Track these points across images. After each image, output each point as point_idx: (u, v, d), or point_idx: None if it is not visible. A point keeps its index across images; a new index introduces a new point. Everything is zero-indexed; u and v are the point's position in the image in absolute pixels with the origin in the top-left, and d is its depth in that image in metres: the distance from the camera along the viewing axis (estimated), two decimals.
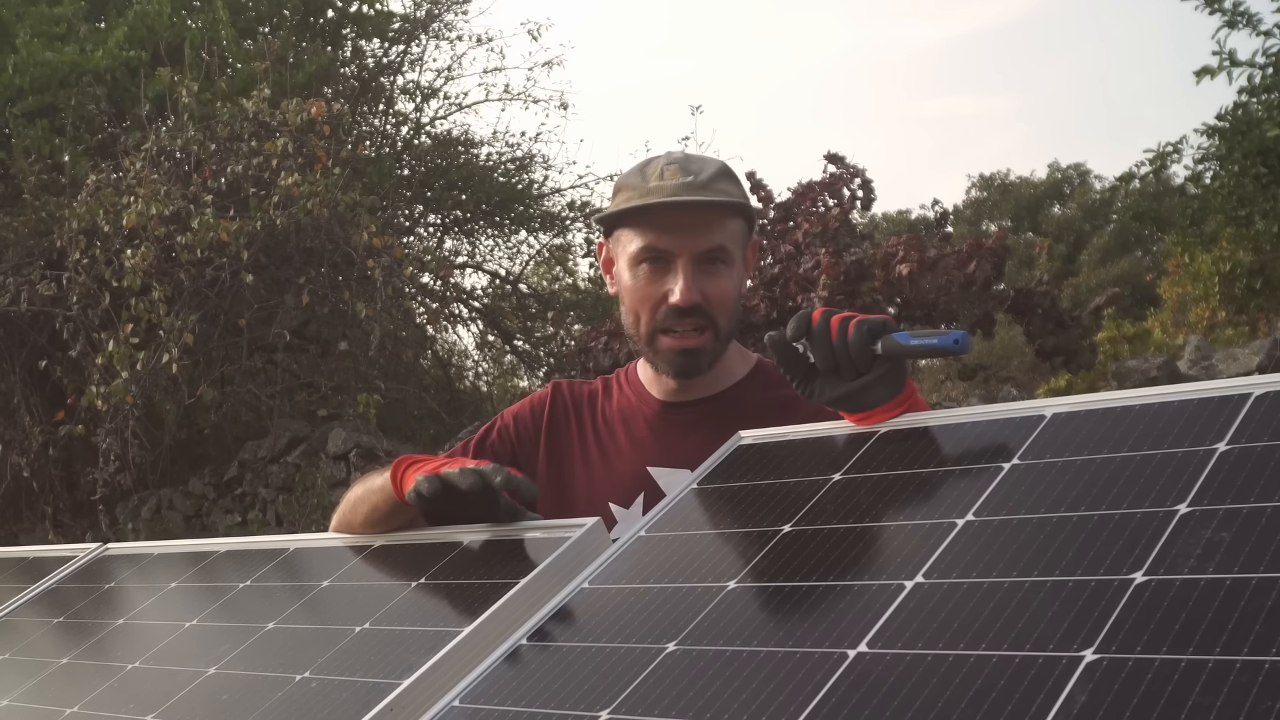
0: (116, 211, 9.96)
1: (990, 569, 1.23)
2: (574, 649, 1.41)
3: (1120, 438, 1.36)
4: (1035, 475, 1.37)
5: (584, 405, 2.28)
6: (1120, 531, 1.20)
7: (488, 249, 16.27)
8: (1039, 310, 10.23)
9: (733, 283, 2.13)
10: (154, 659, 1.89)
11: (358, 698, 1.49)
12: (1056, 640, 1.08)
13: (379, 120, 15.39)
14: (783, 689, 1.17)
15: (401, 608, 1.71)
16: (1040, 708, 1.01)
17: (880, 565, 1.33)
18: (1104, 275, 25.50)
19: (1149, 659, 1.01)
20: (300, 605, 1.87)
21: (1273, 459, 1.21)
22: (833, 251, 9.53)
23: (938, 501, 1.40)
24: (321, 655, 1.66)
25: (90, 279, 10.14)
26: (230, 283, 10.11)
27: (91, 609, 2.21)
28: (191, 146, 10.48)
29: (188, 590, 2.13)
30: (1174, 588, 1.09)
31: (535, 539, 1.73)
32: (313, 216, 9.94)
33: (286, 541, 2.13)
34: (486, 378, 16.92)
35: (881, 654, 1.17)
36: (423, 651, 1.53)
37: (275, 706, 1.57)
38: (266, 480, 10.85)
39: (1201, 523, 1.16)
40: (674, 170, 2.10)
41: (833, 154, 10.90)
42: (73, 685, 1.92)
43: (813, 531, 1.45)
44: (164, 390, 10.47)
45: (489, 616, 1.53)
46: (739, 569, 1.43)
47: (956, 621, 1.17)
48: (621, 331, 10.54)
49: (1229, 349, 9.70)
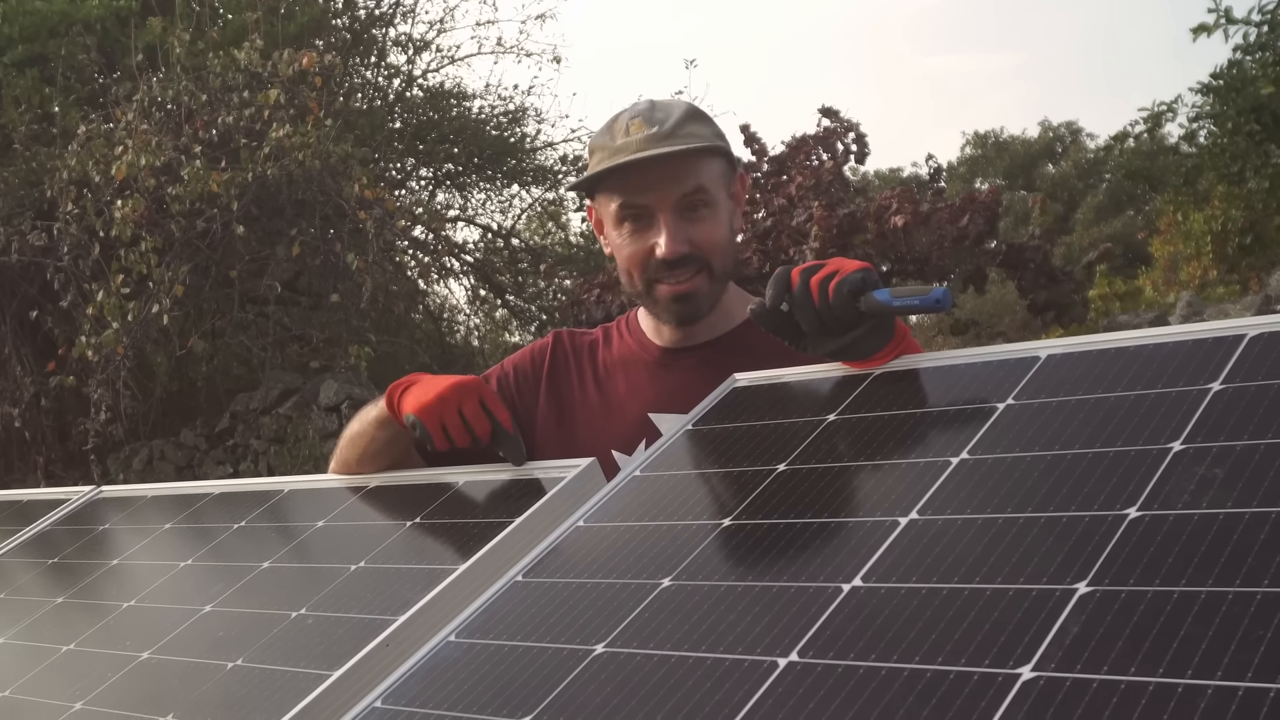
0: (107, 162, 9.91)
1: (984, 506, 1.23)
2: (569, 584, 1.41)
3: (1114, 378, 1.37)
4: (1030, 415, 1.37)
5: (584, 354, 2.28)
6: (1114, 469, 1.21)
7: (479, 202, 16.23)
8: (1031, 265, 10.24)
9: (719, 223, 2.12)
10: (148, 598, 1.89)
11: (354, 633, 1.50)
12: (1050, 574, 1.09)
13: (371, 73, 15.29)
14: (778, 621, 1.18)
15: (397, 547, 1.72)
16: (1034, 638, 1.02)
17: (875, 502, 1.33)
18: (1097, 234, 25.50)
19: (1142, 590, 1.02)
20: (294, 545, 1.88)
21: (1266, 398, 1.22)
22: (825, 205, 9.52)
23: (932, 441, 1.40)
24: (317, 593, 1.66)
25: (81, 230, 10.11)
26: (221, 234, 10.07)
27: (85, 551, 2.21)
28: (183, 97, 10.42)
29: (181, 532, 2.13)
30: (1167, 523, 1.09)
31: (532, 479, 1.74)
32: (304, 168, 9.89)
33: (280, 483, 2.14)
34: (478, 332, 16.90)
35: (876, 588, 1.17)
36: (418, 589, 1.53)
37: (271, 642, 1.58)
38: (258, 431, 10.85)
39: (1195, 460, 1.17)
40: (638, 124, 2.08)
41: (827, 108, 10.86)
42: (67, 625, 1.93)
43: (807, 470, 1.45)
44: (155, 342, 10.46)
45: (485, 554, 1.53)
46: (734, 507, 1.44)
47: (951, 556, 1.17)
48: (613, 284, 10.54)
49: (1220, 305, 9.71)
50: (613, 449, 2.14)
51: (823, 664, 1.10)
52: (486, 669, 1.31)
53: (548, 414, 2.23)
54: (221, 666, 1.58)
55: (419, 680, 1.34)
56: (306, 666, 1.48)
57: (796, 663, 1.11)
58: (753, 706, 1.08)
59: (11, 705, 1.73)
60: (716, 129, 2.16)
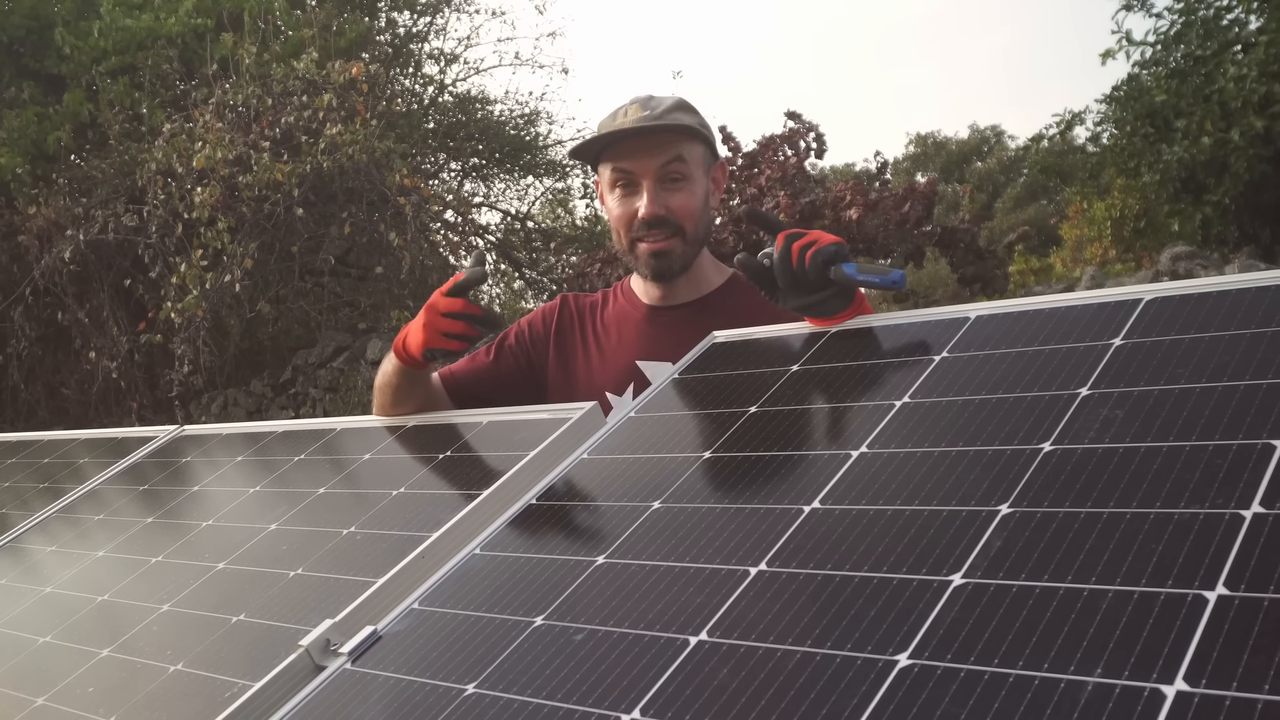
0: (188, 155, 9.85)
1: (923, 441, 1.23)
2: (574, 507, 1.41)
3: (1033, 335, 1.36)
4: (961, 365, 1.36)
5: (586, 313, 2.28)
6: (1031, 410, 1.20)
7: (500, 191, 16.16)
8: (961, 245, 10.20)
9: (694, 195, 2.11)
10: (223, 519, 1.89)
11: (395, 547, 1.50)
12: (977, 497, 1.08)
13: (409, 81, 15.19)
14: (750, 536, 1.17)
15: (430, 476, 1.71)
16: (963, 550, 1.01)
17: (831, 438, 1.33)
18: (1015, 220, 25.41)
19: (1054, 512, 1.02)
20: (345, 475, 1.87)
21: (1159, 351, 1.21)
22: (790, 194, 9.47)
23: (879, 387, 1.40)
24: (364, 514, 1.66)
25: (166, 212, 10.06)
26: (284, 216, 10.02)
27: (169, 479, 2.20)
28: (251, 101, 10.35)
29: (251, 464, 2.12)
30: (1076, 455, 1.09)
31: (543, 419, 1.73)
32: (354, 161, 9.84)
33: (333, 424, 2.13)
34: (500, 299, 16.86)
35: (832, 509, 1.17)
36: (449, 511, 1.53)
37: (326, 554, 1.58)
38: (316, 382, 10.83)
39: (1099, 403, 1.16)
40: (635, 109, 2.11)
41: (792, 111, 10.79)
42: (155, 541, 1.92)
43: (774, 412, 1.44)
44: (228, 306, 10.43)
45: (504, 481, 1.53)
46: (713, 442, 1.43)
47: (894, 483, 1.17)
48: (613, 259, 10.50)
49: (1118, 279, 9.69)
50: (606, 390, 2.15)
51: (787, 572, 1.09)
52: (506, 577, 1.30)
53: (555, 364, 2.24)
54: (285, 575, 1.57)
55: (450, 586, 1.34)
56: (356, 575, 1.48)
57: (765, 571, 1.11)
58: (730, 605, 1.07)
59: (111, 608, 1.73)
60: (701, 119, 2.16)
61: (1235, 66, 11.44)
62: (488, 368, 2.26)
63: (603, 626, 1.13)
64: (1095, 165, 14.16)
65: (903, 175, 27.21)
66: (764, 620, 1.04)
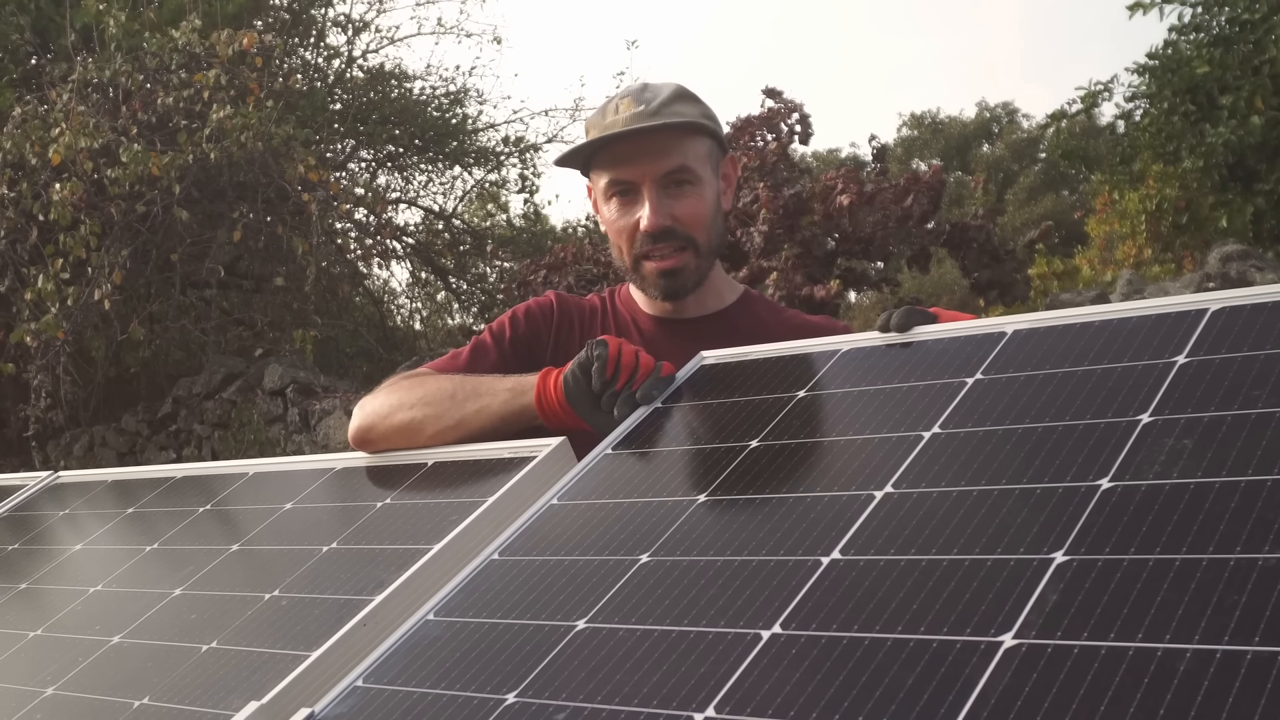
0: (43, 144, 9.78)
1: (959, 479, 1.25)
2: (547, 562, 1.42)
3: (1081, 352, 1.39)
4: (999, 389, 1.39)
5: (586, 316, 2.29)
6: (1085, 441, 1.23)
7: (420, 184, 16.15)
8: (974, 244, 10.31)
9: (703, 200, 2.15)
10: (116, 583, 1.88)
11: (330, 614, 1.50)
12: (1027, 544, 1.11)
13: (310, 53, 15.17)
14: (759, 594, 1.19)
15: (368, 528, 1.72)
16: (1014, 606, 1.04)
17: (849, 476, 1.35)
18: (1029, 214, 25.73)
19: (1117, 559, 1.05)
20: (264, 528, 1.87)
21: (1230, 370, 1.24)
22: (771, 186, 9.54)
23: (904, 415, 1.42)
24: (290, 574, 1.66)
25: (18, 213, 9.97)
26: (162, 217, 9.97)
27: (47, 536, 2.19)
28: (119, 78, 10.29)
29: (145, 516, 2.12)
30: (1140, 492, 1.12)
31: (502, 457, 1.75)
32: (246, 150, 9.81)
33: (245, 466, 2.13)
34: (420, 314, 16.84)
35: (855, 560, 1.19)
36: (393, 569, 1.54)
37: (246, 624, 1.58)
38: (201, 417, 10.76)
39: (1164, 431, 1.19)
40: (627, 103, 2.14)
41: (771, 89, 10.88)
42: (33, 610, 1.91)
43: (780, 446, 1.47)
44: (95, 327, 10.34)
45: (459, 533, 1.54)
46: (709, 482, 1.45)
47: (927, 529, 1.19)
48: (561, 265, 10.52)
49: (1159, 283, 9.83)
50: None
51: (805, 635, 1.11)
52: (468, 646, 1.32)
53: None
54: (196, 649, 1.57)
55: (400, 658, 1.34)
56: (284, 648, 1.48)
57: (780, 634, 1.13)
58: (739, 676, 1.09)
59: None
60: (705, 109, 2.20)
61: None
62: (495, 366, 2.21)
63: (588, 704, 1.14)
64: (1126, 149, 14.35)
65: (895, 163, 27.45)
66: (781, 694, 1.06)
